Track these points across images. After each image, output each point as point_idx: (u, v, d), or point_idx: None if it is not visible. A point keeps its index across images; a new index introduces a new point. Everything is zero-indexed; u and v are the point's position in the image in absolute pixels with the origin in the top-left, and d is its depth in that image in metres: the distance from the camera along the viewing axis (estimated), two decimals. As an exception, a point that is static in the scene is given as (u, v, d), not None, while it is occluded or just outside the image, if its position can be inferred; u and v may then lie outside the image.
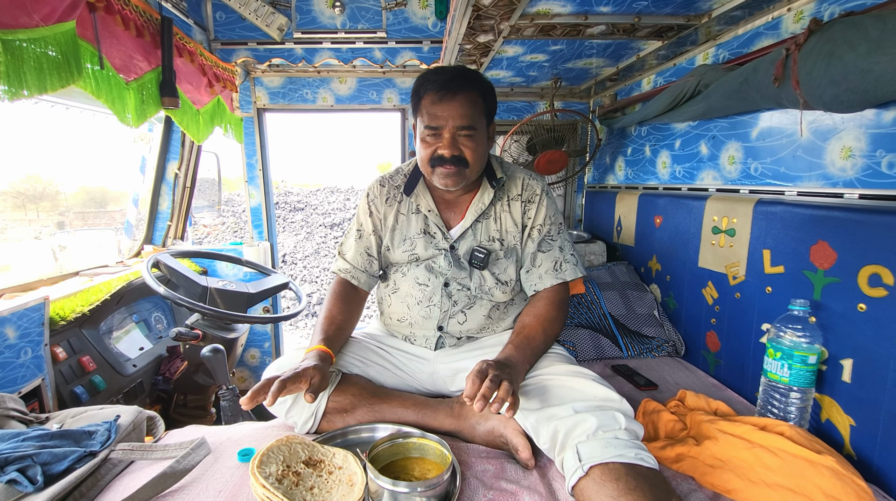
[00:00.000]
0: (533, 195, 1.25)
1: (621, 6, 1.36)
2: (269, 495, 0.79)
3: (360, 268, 1.31)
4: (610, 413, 0.89)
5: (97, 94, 1.32)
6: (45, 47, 1.11)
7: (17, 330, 1.33)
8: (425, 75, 1.13)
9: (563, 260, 1.24)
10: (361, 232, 1.33)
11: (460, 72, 1.12)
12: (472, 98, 1.11)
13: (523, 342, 1.10)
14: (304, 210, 8.60)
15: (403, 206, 1.30)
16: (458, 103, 1.09)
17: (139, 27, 1.51)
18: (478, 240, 1.25)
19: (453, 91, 1.08)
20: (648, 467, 0.81)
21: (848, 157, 1.09)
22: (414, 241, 1.26)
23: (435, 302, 1.24)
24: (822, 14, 1.14)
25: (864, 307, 0.99)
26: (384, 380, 1.22)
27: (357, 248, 1.32)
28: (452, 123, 1.10)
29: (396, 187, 1.31)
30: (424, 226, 1.27)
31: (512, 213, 1.25)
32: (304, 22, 2.29)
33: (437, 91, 1.09)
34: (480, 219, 1.25)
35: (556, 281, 1.22)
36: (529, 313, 1.20)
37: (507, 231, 1.25)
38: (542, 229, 1.24)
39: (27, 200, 11.73)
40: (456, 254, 1.25)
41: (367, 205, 1.32)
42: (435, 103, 1.10)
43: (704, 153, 1.61)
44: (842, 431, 1.05)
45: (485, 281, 1.24)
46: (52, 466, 0.89)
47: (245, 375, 2.78)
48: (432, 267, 1.25)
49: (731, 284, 1.40)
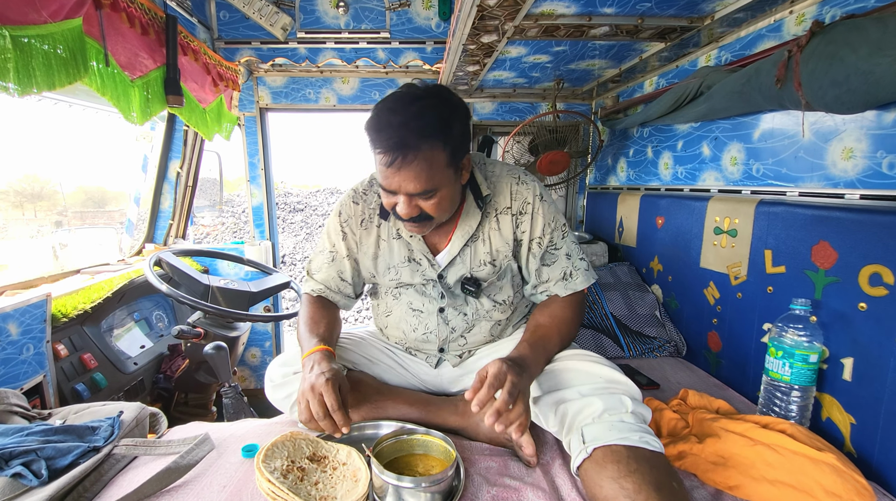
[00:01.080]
0: (524, 205, 1.10)
1: (625, 7, 1.37)
2: (275, 489, 0.79)
3: (334, 290, 1.22)
4: (617, 396, 0.90)
5: (102, 92, 1.33)
6: (52, 44, 1.11)
7: (20, 327, 1.34)
8: (370, 122, 0.93)
9: (573, 268, 1.13)
10: (334, 253, 1.20)
11: (409, 130, 0.88)
12: (427, 160, 0.90)
13: (538, 342, 1.03)
14: (303, 211, 8.61)
15: (384, 231, 1.16)
16: (410, 170, 0.91)
17: (144, 25, 1.51)
18: (468, 267, 1.13)
19: (401, 159, 0.89)
20: (652, 450, 0.82)
21: (849, 158, 1.10)
22: (399, 270, 1.16)
23: (431, 329, 1.18)
24: (823, 16, 1.15)
25: (865, 306, 1.00)
26: (389, 378, 1.22)
27: (329, 271, 1.21)
28: (405, 189, 0.94)
29: (372, 209, 1.17)
30: (408, 253, 1.15)
31: (501, 230, 1.11)
32: (307, 22, 2.29)
33: (384, 154, 0.90)
34: (469, 242, 1.12)
35: (566, 292, 1.14)
36: (545, 312, 1.12)
37: (498, 250, 1.13)
38: (543, 241, 1.11)
39: (25, 199, 11.71)
40: (446, 284, 1.15)
41: (339, 226, 1.18)
42: (382, 164, 0.92)
43: (706, 154, 1.62)
44: (842, 429, 1.05)
45: (482, 305, 1.17)
46: (57, 460, 0.89)
47: (246, 374, 2.78)
48: (424, 292, 1.17)
49: (733, 284, 1.41)
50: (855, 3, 1.07)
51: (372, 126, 0.92)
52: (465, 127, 0.97)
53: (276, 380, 1.11)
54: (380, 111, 0.92)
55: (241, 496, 0.86)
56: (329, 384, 0.90)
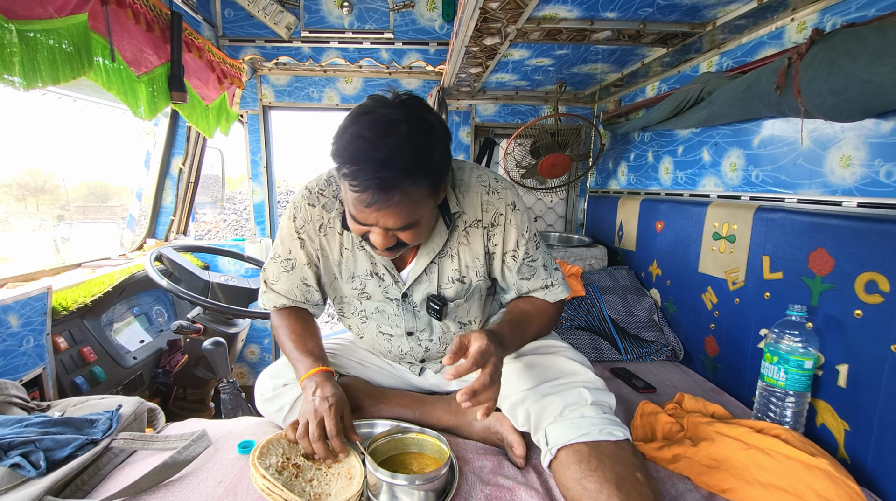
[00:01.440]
0: (496, 216, 1.01)
1: (627, 12, 1.38)
2: (269, 486, 0.80)
3: (300, 301, 1.13)
4: (575, 390, 0.90)
5: (108, 87, 1.34)
6: (57, 39, 1.12)
7: (20, 319, 1.34)
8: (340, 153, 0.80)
9: (552, 280, 1.08)
10: (292, 261, 1.09)
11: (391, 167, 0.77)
12: (412, 195, 0.81)
13: (519, 325, 1.00)
14: (305, 209, 8.60)
15: (346, 239, 1.06)
16: (392, 209, 0.81)
17: (149, 21, 1.52)
18: (434, 286, 1.06)
19: (381, 201, 0.79)
20: (615, 441, 0.82)
21: (847, 166, 1.11)
22: (363, 281, 1.08)
23: (405, 351, 1.17)
24: (824, 24, 1.16)
25: (861, 313, 1.00)
26: (382, 380, 1.23)
27: (290, 280, 1.11)
28: (384, 224, 0.84)
29: (332, 216, 1.05)
30: (372, 266, 1.06)
31: (471, 245, 1.03)
32: (311, 21, 2.30)
33: (359, 193, 0.79)
34: (435, 259, 1.04)
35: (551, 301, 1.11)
36: (528, 301, 1.08)
37: (468, 266, 1.05)
38: (518, 254, 1.04)
39: (27, 193, 11.74)
40: (411, 303, 1.08)
41: (294, 232, 1.07)
42: (362, 203, 0.81)
43: (706, 160, 1.63)
44: (836, 435, 1.06)
45: (448, 328, 1.13)
46: (55, 452, 0.90)
47: (244, 371, 2.78)
48: (390, 318, 1.12)
49: (731, 289, 1.41)
50: (856, 11, 1.08)
51: (346, 158, 0.79)
52: (446, 151, 0.88)
53: (267, 394, 1.09)
54: (355, 139, 0.79)
55: (236, 491, 0.86)
56: (332, 410, 0.89)
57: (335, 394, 0.93)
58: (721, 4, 1.31)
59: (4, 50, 1.00)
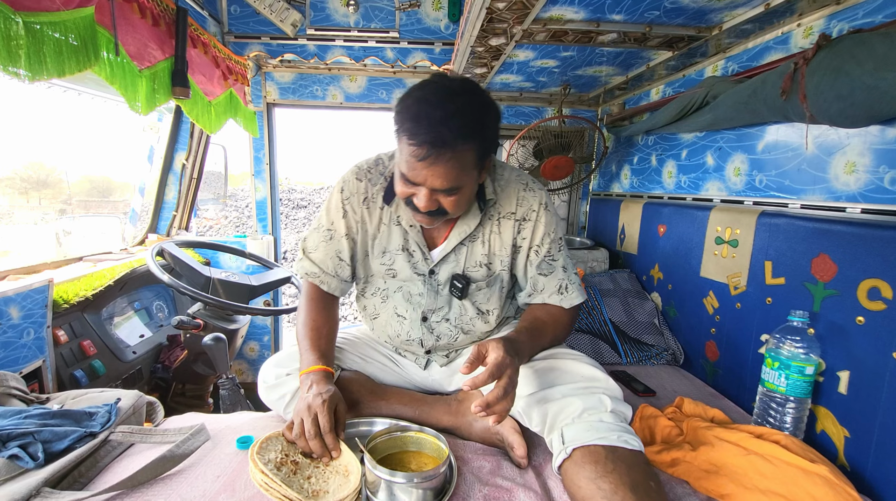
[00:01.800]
0: (529, 212, 1.10)
1: (633, 15, 1.38)
2: (268, 481, 0.80)
3: (330, 273, 1.16)
4: (596, 395, 0.90)
5: (111, 81, 1.34)
6: (63, 31, 1.12)
7: (21, 311, 1.34)
8: (405, 111, 0.89)
9: (568, 281, 1.12)
10: (332, 232, 1.16)
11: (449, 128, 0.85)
12: (462, 159, 0.89)
13: (535, 334, 1.02)
14: (307, 208, 8.62)
15: (385, 215, 1.14)
16: (442, 167, 0.88)
17: (155, 16, 1.52)
18: (461, 266, 1.12)
19: (435, 155, 0.87)
20: (631, 449, 0.82)
21: (852, 172, 1.10)
22: (393, 257, 1.14)
23: (414, 338, 1.18)
24: (831, 30, 1.16)
25: (863, 320, 1.00)
26: (383, 377, 1.23)
27: (326, 250, 1.16)
28: (431, 183, 0.91)
29: (376, 190, 1.13)
30: (404, 241, 1.13)
31: (502, 235, 1.11)
32: (317, 19, 2.31)
33: (416, 147, 0.87)
34: (465, 241, 1.11)
35: (563, 306, 1.13)
36: (543, 309, 1.11)
37: (495, 254, 1.12)
38: (541, 250, 1.11)
39: (30, 186, 11.75)
40: (435, 280, 1.13)
41: (340, 203, 1.14)
42: (412, 156, 0.88)
43: (710, 164, 1.62)
44: (836, 442, 1.05)
45: (465, 311, 1.15)
46: (53, 444, 0.90)
47: (244, 368, 2.78)
48: (410, 296, 1.16)
49: (732, 294, 1.41)
50: (862, 17, 1.08)
51: (408, 116, 0.88)
52: (496, 128, 0.96)
53: (270, 382, 1.10)
54: (417, 101, 0.89)
55: (234, 486, 0.86)
56: (325, 405, 0.90)
57: (329, 391, 0.94)
58: (728, 9, 1.31)
59: (10, 42, 1.00)
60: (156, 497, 0.83)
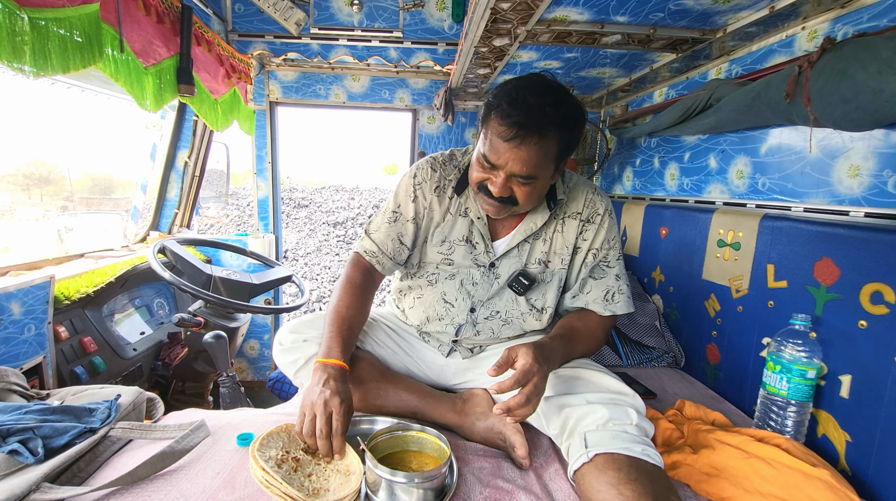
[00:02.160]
0: (594, 214, 1.12)
1: (637, 17, 1.38)
2: (268, 478, 0.79)
3: (388, 254, 1.17)
4: (623, 407, 0.90)
5: (116, 78, 1.34)
6: (68, 28, 1.13)
7: (23, 307, 1.34)
8: (501, 96, 0.93)
9: (617, 290, 1.13)
10: (398, 215, 1.17)
11: (541, 113, 0.90)
12: (544, 147, 0.93)
13: (568, 342, 1.03)
14: (308, 207, 8.62)
15: (453, 205, 1.16)
16: (525, 151, 0.92)
17: (160, 13, 1.53)
18: (523, 263, 1.14)
19: (522, 137, 0.91)
20: (653, 463, 0.82)
21: (855, 176, 1.10)
22: (453, 246, 1.16)
23: (455, 324, 1.18)
24: (835, 33, 1.16)
25: (865, 324, 1.00)
26: (393, 363, 1.22)
27: (388, 232, 1.17)
28: (511, 168, 0.94)
29: (448, 180, 1.16)
30: (468, 232, 1.15)
31: (565, 233, 1.13)
32: (321, 18, 2.31)
33: (507, 128, 0.91)
34: (529, 239, 1.13)
35: (605, 313, 1.14)
36: (580, 319, 1.12)
37: (556, 253, 1.14)
38: (598, 254, 1.13)
39: (32, 183, 11.76)
40: (496, 274, 1.15)
41: (411, 188, 1.16)
42: (500, 137, 0.93)
43: (713, 166, 1.62)
44: (837, 446, 1.05)
45: (518, 305, 1.16)
46: (53, 440, 0.90)
47: (243, 366, 2.78)
48: (462, 284, 1.17)
49: (734, 297, 1.41)
50: (867, 21, 1.08)
51: (505, 98, 0.92)
52: (579, 133, 1.00)
53: (286, 344, 1.12)
54: (516, 87, 0.93)
55: (234, 483, 0.86)
56: (343, 407, 0.89)
57: (346, 392, 0.93)
58: (732, 11, 1.31)
59: (15, 37, 1.00)
60: (155, 493, 0.82)
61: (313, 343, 1.08)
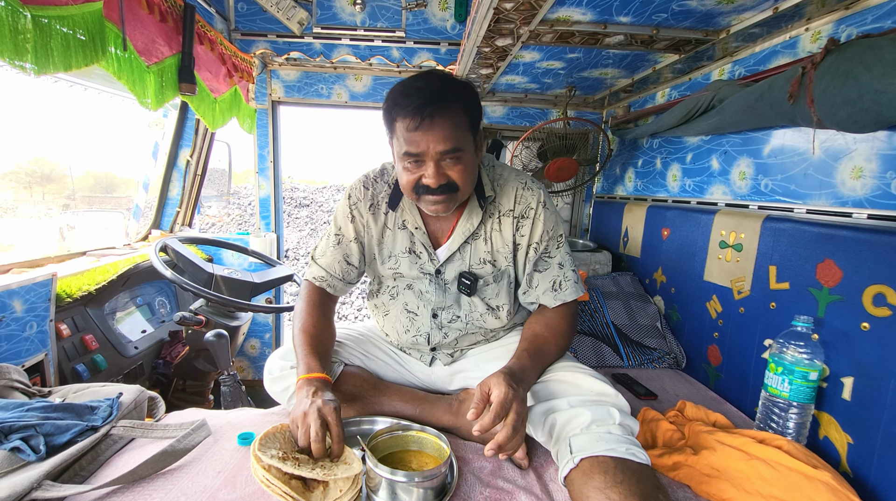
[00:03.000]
0: (527, 209, 1.12)
1: (640, 17, 1.38)
2: (269, 477, 0.79)
3: (337, 276, 1.20)
4: (605, 407, 0.90)
5: (118, 76, 1.34)
6: (72, 26, 1.13)
7: (25, 304, 1.35)
8: (394, 95, 0.98)
9: (563, 278, 1.13)
10: (340, 237, 1.20)
11: (436, 92, 0.94)
12: (453, 117, 0.96)
13: (537, 353, 1.03)
14: (309, 206, 8.63)
15: (390, 220, 1.18)
16: (438, 127, 0.94)
17: (163, 12, 1.53)
18: (466, 264, 1.15)
19: (430, 116, 0.93)
20: (638, 462, 0.82)
21: (858, 178, 1.10)
22: (398, 260, 1.18)
23: (422, 333, 1.19)
24: (839, 35, 1.15)
25: (868, 326, 0.99)
26: (385, 374, 1.23)
27: (334, 255, 1.20)
28: (434, 149, 0.95)
29: (381, 197, 1.18)
30: (410, 244, 1.17)
31: (503, 232, 1.13)
32: (324, 17, 2.31)
33: (412, 117, 0.94)
34: (469, 240, 1.14)
35: (555, 303, 1.13)
36: (540, 322, 1.12)
37: (498, 251, 1.15)
38: (539, 247, 1.12)
39: (34, 181, 11.78)
40: (443, 280, 1.16)
41: (348, 209, 1.19)
42: (410, 129, 0.95)
43: (715, 168, 1.62)
44: (839, 448, 1.05)
45: (475, 307, 1.17)
46: (55, 437, 0.90)
47: (244, 365, 2.78)
48: (420, 295, 1.18)
49: (736, 299, 1.40)
50: (871, 22, 1.07)
51: (398, 93, 0.97)
52: (479, 105, 1.03)
53: (275, 373, 1.12)
54: (404, 83, 0.98)
55: (235, 482, 0.86)
56: (336, 414, 0.88)
57: (336, 400, 0.92)
58: (736, 12, 1.31)
59: (18, 35, 1.00)
60: (157, 492, 0.83)
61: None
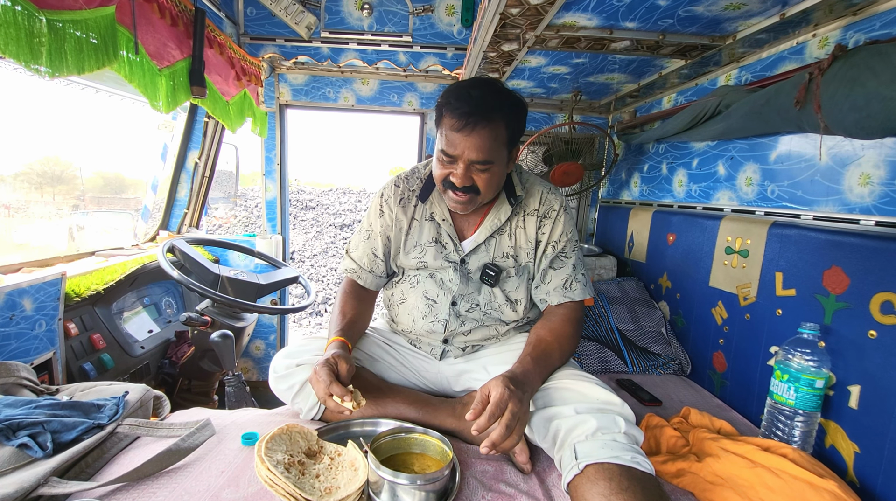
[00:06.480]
0: (550, 210, 1.20)
1: (647, 23, 1.38)
2: (273, 477, 0.80)
3: (367, 269, 1.28)
4: (611, 416, 0.90)
5: (130, 79, 1.36)
6: (84, 29, 1.15)
7: (34, 303, 1.36)
8: (448, 94, 1.05)
9: (574, 278, 1.20)
10: (370, 232, 1.28)
11: (485, 102, 1.01)
12: (493, 131, 1.02)
13: (540, 357, 1.06)
14: (315, 209, 8.66)
15: (418, 212, 1.25)
16: (477, 137, 1.01)
17: (174, 16, 1.55)
18: (490, 257, 1.21)
19: (472, 124, 1.00)
20: (643, 471, 0.82)
21: (866, 184, 1.09)
22: (424, 249, 1.23)
23: (440, 320, 1.22)
24: (847, 41, 1.15)
25: (875, 334, 0.98)
26: (389, 376, 1.24)
27: (364, 248, 1.28)
28: (468, 156, 1.03)
29: (412, 191, 1.26)
30: (437, 234, 1.24)
31: (526, 229, 1.21)
32: (332, 22, 2.33)
33: (457, 119, 1.01)
34: (495, 234, 1.21)
35: (563, 300, 1.19)
36: (545, 326, 1.15)
37: (521, 247, 1.21)
38: (557, 246, 1.20)
39: (45, 181, 11.90)
40: (466, 269, 1.21)
41: (379, 206, 1.27)
42: (453, 130, 1.02)
43: (722, 173, 1.61)
44: (846, 457, 1.04)
45: (494, 298, 1.21)
46: (62, 435, 0.91)
47: (249, 365, 2.80)
48: (442, 282, 1.23)
49: (742, 305, 1.40)
50: (879, 28, 1.07)
51: (452, 96, 1.03)
52: (523, 119, 1.10)
53: (280, 371, 1.14)
54: (459, 85, 1.05)
55: (238, 481, 0.87)
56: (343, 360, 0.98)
57: (347, 353, 1.04)
58: (742, 18, 1.31)
59: (33, 39, 1.02)
60: (161, 490, 0.83)
61: (307, 366, 1.10)
